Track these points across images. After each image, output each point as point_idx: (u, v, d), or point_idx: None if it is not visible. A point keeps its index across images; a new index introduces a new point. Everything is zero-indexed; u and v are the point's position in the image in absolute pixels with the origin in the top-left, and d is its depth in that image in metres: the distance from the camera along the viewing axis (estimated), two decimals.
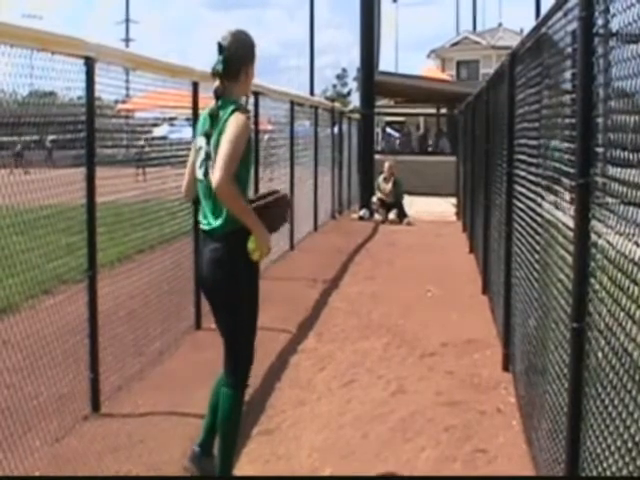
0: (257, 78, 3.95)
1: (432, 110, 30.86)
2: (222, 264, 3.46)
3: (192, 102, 6.11)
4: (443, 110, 29.42)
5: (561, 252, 3.16)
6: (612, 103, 2.49)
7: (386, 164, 15.15)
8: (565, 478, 2.81)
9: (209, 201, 3.51)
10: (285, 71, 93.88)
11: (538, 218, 4.03)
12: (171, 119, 8.27)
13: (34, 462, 3.82)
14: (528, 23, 30.30)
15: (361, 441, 4.27)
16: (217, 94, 3.50)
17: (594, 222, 2.56)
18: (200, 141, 3.57)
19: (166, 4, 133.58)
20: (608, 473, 2.30)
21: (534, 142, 4.40)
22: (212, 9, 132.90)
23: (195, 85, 6.10)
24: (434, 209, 16.24)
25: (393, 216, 14.57)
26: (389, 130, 36.72)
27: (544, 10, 3.84)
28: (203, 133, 3.54)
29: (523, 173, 4.79)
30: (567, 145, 3.09)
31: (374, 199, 15.06)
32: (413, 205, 15.84)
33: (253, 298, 3.57)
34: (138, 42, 59.34)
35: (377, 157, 17.43)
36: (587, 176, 2.59)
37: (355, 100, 37.37)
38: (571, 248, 2.81)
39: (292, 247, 10.82)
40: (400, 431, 4.39)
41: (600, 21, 2.55)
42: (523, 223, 4.69)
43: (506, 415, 4.62)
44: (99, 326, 4.63)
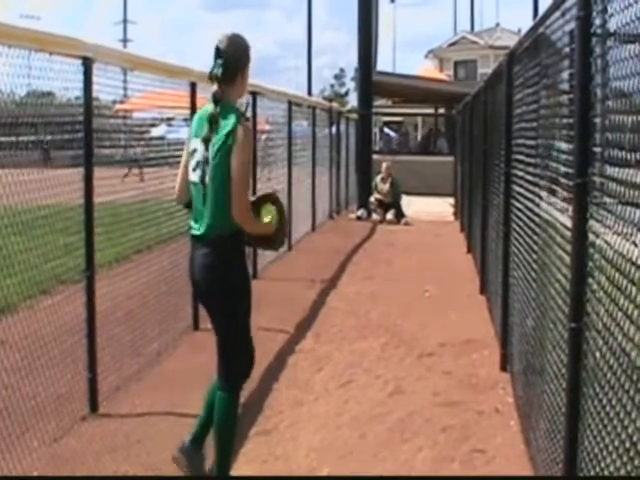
0: (256, 78, 3.96)
1: (430, 110, 30.81)
2: (214, 269, 3.45)
3: (190, 102, 6.11)
4: (441, 110, 29.38)
5: (559, 252, 3.16)
6: (610, 103, 2.49)
7: (384, 164, 15.16)
8: (563, 478, 2.81)
9: (203, 206, 3.47)
10: (284, 71, 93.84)
11: (536, 218, 4.03)
12: (169, 119, 8.27)
13: (32, 462, 3.82)
14: (526, 23, 30.37)
15: (359, 441, 4.27)
16: (216, 98, 3.48)
17: (592, 222, 2.56)
18: (195, 143, 3.52)
19: (164, 5, 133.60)
20: (606, 473, 2.30)
21: (532, 142, 4.40)
22: (210, 10, 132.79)
23: (193, 85, 6.10)
24: (432, 209, 16.25)
25: (391, 216, 14.58)
26: (387, 130, 36.67)
27: (542, 10, 3.85)
28: (200, 136, 3.49)
29: (521, 173, 4.79)
30: (565, 145, 3.09)
31: (372, 199, 15.06)
32: (411, 205, 15.85)
33: (247, 301, 3.55)
34: (136, 43, 59.21)
35: (375, 157, 17.41)
36: (585, 176, 2.59)
37: (353, 100, 37.41)
38: (569, 248, 2.82)
39: (290, 247, 10.81)
40: (398, 431, 4.39)
41: (598, 21, 2.55)
42: (521, 223, 4.69)
43: (504, 415, 4.62)
44: (97, 326, 4.63)
